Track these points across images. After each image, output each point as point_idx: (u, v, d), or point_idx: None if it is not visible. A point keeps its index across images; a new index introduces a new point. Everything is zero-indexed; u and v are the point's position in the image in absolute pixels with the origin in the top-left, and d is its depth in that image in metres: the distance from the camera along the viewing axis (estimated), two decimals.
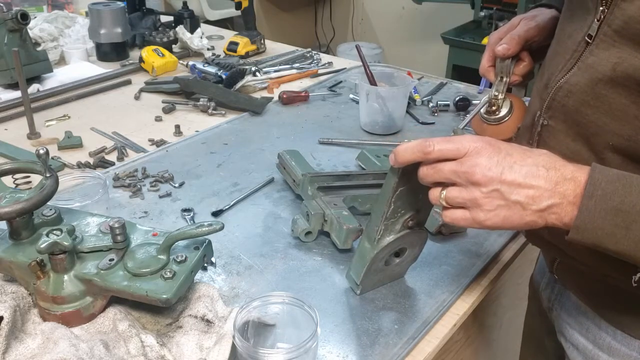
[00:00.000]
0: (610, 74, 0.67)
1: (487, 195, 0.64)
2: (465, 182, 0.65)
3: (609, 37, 0.68)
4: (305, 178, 1.02)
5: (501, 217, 0.65)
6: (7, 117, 1.39)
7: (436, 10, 3.68)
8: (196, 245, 0.79)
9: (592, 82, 0.70)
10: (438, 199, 0.68)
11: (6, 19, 1.44)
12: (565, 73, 0.74)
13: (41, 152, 0.76)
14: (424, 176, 0.69)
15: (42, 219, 0.79)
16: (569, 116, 0.73)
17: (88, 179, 1.02)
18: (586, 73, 0.71)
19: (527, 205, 0.63)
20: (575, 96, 0.72)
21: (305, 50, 1.89)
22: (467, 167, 0.65)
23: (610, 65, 0.67)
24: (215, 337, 0.72)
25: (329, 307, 0.83)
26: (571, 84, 0.72)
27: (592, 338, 0.84)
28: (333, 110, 1.49)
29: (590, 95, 0.70)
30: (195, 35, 1.85)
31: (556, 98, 0.74)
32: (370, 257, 0.80)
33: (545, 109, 0.76)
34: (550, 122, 0.76)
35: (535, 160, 0.64)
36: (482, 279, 0.91)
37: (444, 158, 0.66)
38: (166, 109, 1.46)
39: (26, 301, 0.76)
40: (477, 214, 0.65)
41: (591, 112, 0.70)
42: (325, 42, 4.43)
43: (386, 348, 0.76)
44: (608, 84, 0.68)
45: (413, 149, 0.68)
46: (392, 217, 0.77)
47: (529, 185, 0.63)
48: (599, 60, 0.69)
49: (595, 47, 0.70)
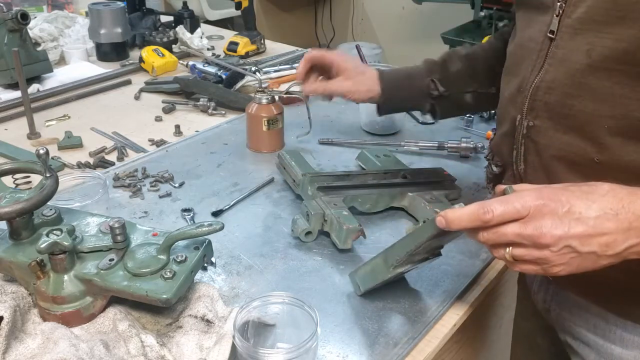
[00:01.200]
0: (587, 61, 0.68)
1: (558, 253, 0.62)
2: (532, 244, 0.62)
3: (571, 27, 0.70)
4: (305, 178, 1.02)
5: (574, 265, 0.63)
6: (7, 117, 1.39)
7: (436, 10, 3.68)
8: (196, 245, 0.79)
9: (570, 73, 0.70)
10: (504, 256, 0.65)
11: (6, 19, 1.44)
12: (537, 72, 0.75)
13: (41, 152, 0.76)
14: (486, 241, 0.65)
15: (42, 219, 0.79)
16: (554, 112, 0.73)
17: (88, 179, 1.02)
18: (560, 67, 0.72)
19: (602, 253, 0.61)
20: (556, 91, 0.72)
21: (305, 50, 1.89)
22: (532, 230, 0.61)
23: (583, 52, 0.69)
24: (215, 337, 0.72)
25: (329, 307, 0.83)
26: (548, 81, 0.73)
27: (602, 333, 0.83)
28: (333, 110, 1.49)
29: (572, 87, 0.71)
30: (195, 35, 1.85)
31: (536, 98, 0.75)
32: (383, 279, 0.80)
33: (527, 110, 0.76)
34: (536, 122, 0.76)
35: (601, 205, 0.61)
36: (482, 279, 0.91)
37: (505, 222, 0.63)
38: (166, 109, 1.46)
39: (26, 301, 0.76)
40: (549, 269, 0.63)
41: (577, 102, 0.70)
42: (325, 42, 4.42)
43: (386, 348, 0.76)
44: (586, 71, 0.69)
45: (470, 217, 0.64)
46: (416, 254, 0.78)
47: (600, 234, 0.60)
48: (569, 52, 0.70)
49: (560, 39, 0.72)
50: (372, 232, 0.99)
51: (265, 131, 1.23)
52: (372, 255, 0.93)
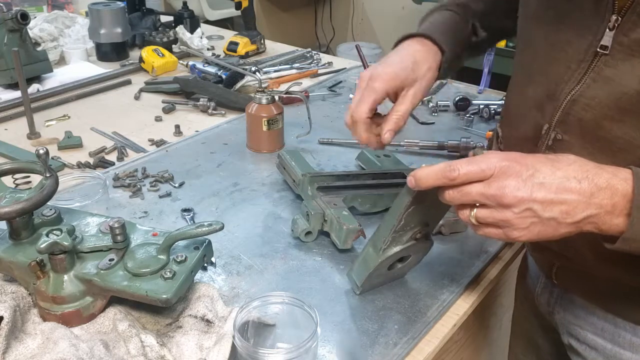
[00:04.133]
0: (638, 88, 0.64)
1: (519, 216, 0.62)
2: (494, 204, 0.62)
3: (627, 47, 0.65)
4: (305, 178, 1.02)
5: (535, 232, 0.63)
6: (7, 117, 1.39)
7: None
8: (196, 245, 0.79)
9: (615, 96, 0.67)
10: (468, 218, 0.66)
11: (6, 19, 1.44)
12: (576, 84, 0.71)
13: (41, 152, 0.76)
14: (451, 199, 0.66)
15: (42, 219, 0.79)
16: (587, 131, 0.70)
17: (88, 179, 1.02)
18: (605, 86, 0.67)
19: (562, 220, 0.61)
20: (594, 110, 0.69)
21: (305, 50, 1.89)
22: (495, 190, 0.62)
23: (636, 78, 0.64)
24: (215, 337, 0.72)
25: (329, 307, 0.83)
26: (587, 98, 0.69)
27: (610, 337, 0.82)
28: (333, 110, 1.49)
29: (614, 109, 0.67)
30: (195, 35, 1.85)
31: (571, 112, 0.71)
32: (374, 265, 0.80)
33: (557, 122, 0.73)
34: (565, 137, 0.72)
35: (566, 172, 0.61)
36: (482, 279, 0.91)
37: (470, 181, 0.64)
38: (166, 109, 1.46)
39: (26, 301, 0.76)
40: (510, 232, 0.63)
41: (617, 127, 0.67)
42: (325, 42, 4.42)
43: (386, 348, 0.76)
44: (635, 97, 0.65)
45: (437, 175, 0.65)
46: (401, 230, 0.77)
47: (562, 201, 0.61)
48: (621, 74, 0.66)
49: (611, 58, 0.67)
50: (372, 232, 0.98)
51: (265, 131, 1.23)
52: None
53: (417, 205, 0.73)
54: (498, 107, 1.42)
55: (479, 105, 1.45)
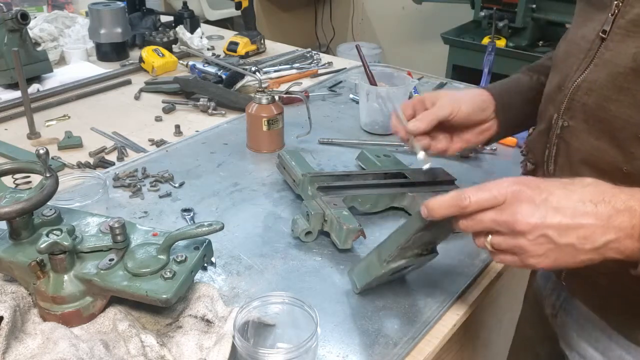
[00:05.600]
0: (632, 65, 0.66)
1: (534, 242, 0.60)
2: (508, 231, 0.61)
3: (623, 29, 0.67)
4: (305, 178, 1.02)
5: (552, 259, 0.61)
6: (7, 117, 1.39)
7: (436, 10, 3.68)
8: (196, 245, 0.79)
9: (612, 76, 0.68)
10: (484, 245, 0.65)
11: (6, 19, 1.44)
12: (582, 72, 0.73)
13: (41, 152, 0.76)
14: (465, 228, 0.65)
15: (42, 219, 0.79)
16: (590, 114, 0.71)
17: (88, 179, 1.02)
18: (604, 68, 0.69)
19: (580, 246, 0.59)
20: (595, 93, 0.70)
21: (305, 50, 1.89)
22: (507, 216, 0.61)
23: (629, 56, 0.66)
24: (215, 337, 0.72)
25: (329, 307, 0.83)
26: (590, 82, 0.71)
27: (602, 349, 0.81)
28: (333, 110, 1.49)
29: (612, 89, 0.68)
30: (195, 35, 1.85)
31: (575, 98, 0.73)
32: (377, 275, 0.80)
33: (564, 110, 0.74)
34: (570, 123, 0.74)
35: (581, 195, 0.59)
36: (482, 279, 0.91)
37: (482, 208, 0.63)
38: (166, 109, 1.46)
39: (26, 301, 0.76)
40: (526, 259, 0.62)
41: (614, 107, 0.68)
42: (325, 42, 4.42)
43: (386, 348, 0.76)
44: (630, 75, 0.66)
45: (448, 205, 0.64)
46: (408, 247, 0.78)
47: (578, 225, 0.59)
48: (617, 54, 0.68)
49: (610, 41, 0.69)
50: (372, 232, 0.99)
51: (265, 131, 1.23)
52: None
53: (427, 229, 0.73)
54: None
55: None
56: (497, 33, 2.70)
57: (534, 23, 2.69)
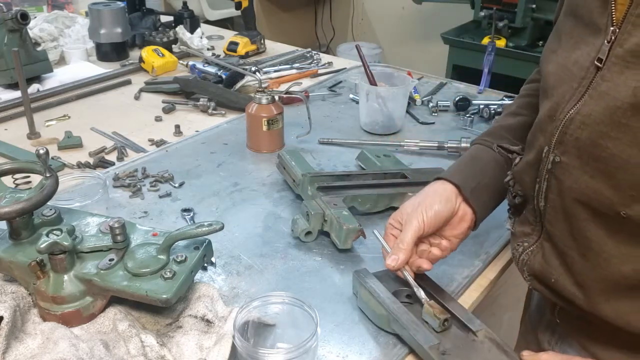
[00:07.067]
0: (631, 100, 0.61)
1: None
2: None
3: (621, 59, 0.63)
4: (305, 178, 1.02)
5: None
6: (7, 117, 1.39)
7: (436, 10, 3.68)
8: (196, 245, 0.79)
9: (609, 110, 0.63)
10: None
11: (6, 19, 1.44)
12: (575, 103, 0.68)
13: (41, 152, 0.76)
14: None
15: (42, 219, 0.79)
16: (584, 151, 0.67)
17: (88, 179, 1.02)
18: (601, 101, 0.65)
19: None
20: (590, 128, 0.66)
21: (305, 50, 1.90)
22: None
23: (629, 89, 0.61)
24: (215, 337, 0.72)
25: (329, 307, 0.83)
26: (584, 115, 0.66)
27: None
28: (333, 110, 1.49)
29: (609, 125, 0.64)
30: (195, 35, 1.85)
31: (567, 131, 0.68)
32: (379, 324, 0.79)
33: (556, 143, 0.70)
34: (563, 159, 0.69)
35: None
36: (482, 279, 0.91)
37: None
38: (166, 109, 1.46)
39: (26, 301, 0.76)
40: None
41: (612, 145, 0.64)
42: (325, 42, 4.42)
43: (386, 348, 0.76)
44: (629, 111, 0.62)
45: None
46: None
47: None
48: (615, 86, 0.63)
49: (607, 71, 0.64)
50: (372, 232, 0.98)
51: (265, 131, 1.23)
52: (372, 255, 0.93)
53: None
54: (498, 107, 1.42)
55: (479, 105, 1.45)
56: (497, 33, 2.70)
57: (534, 23, 2.69)
